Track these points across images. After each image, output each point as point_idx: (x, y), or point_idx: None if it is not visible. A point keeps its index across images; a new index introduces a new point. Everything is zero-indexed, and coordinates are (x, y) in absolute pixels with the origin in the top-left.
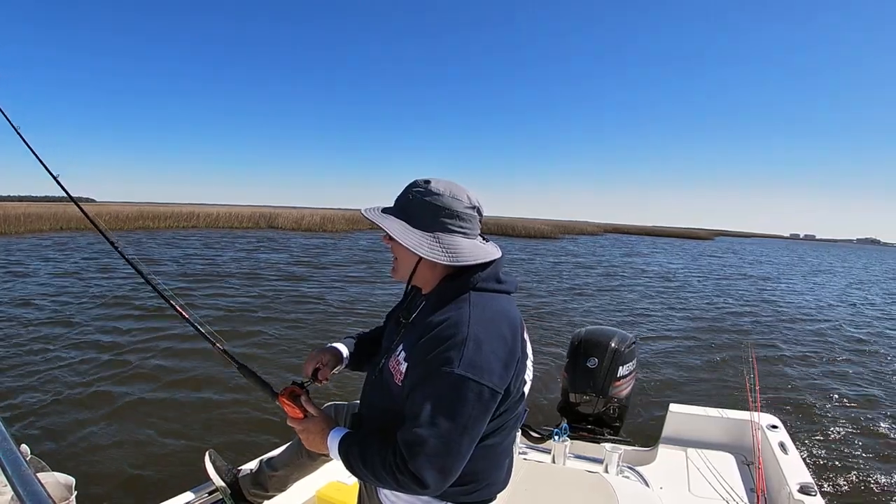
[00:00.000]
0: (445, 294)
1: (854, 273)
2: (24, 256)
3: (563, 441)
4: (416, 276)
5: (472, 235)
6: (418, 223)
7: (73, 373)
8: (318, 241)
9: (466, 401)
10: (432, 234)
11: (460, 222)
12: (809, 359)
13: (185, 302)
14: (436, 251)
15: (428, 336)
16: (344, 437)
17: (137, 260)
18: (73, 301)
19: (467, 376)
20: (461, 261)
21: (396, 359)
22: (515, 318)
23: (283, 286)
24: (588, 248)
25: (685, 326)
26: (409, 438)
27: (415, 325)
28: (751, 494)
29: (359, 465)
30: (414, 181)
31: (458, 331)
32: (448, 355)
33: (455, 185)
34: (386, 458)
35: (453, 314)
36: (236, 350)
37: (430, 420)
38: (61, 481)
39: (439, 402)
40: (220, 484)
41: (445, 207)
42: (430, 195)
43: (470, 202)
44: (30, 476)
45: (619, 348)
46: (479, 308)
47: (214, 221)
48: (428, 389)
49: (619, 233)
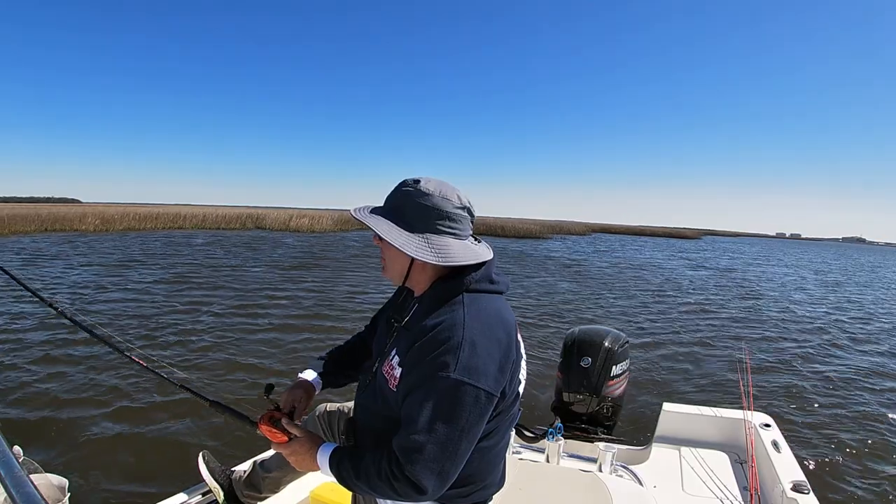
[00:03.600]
0: (438, 296)
1: (847, 272)
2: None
3: (557, 440)
4: (409, 278)
5: (462, 236)
6: (407, 223)
7: (65, 374)
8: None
9: (464, 405)
10: (422, 235)
11: (450, 223)
12: (802, 357)
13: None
14: (424, 251)
15: (422, 340)
16: (333, 453)
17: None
18: (69, 303)
19: (464, 380)
20: (451, 261)
21: (390, 363)
22: (509, 319)
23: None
24: (578, 247)
25: (678, 325)
26: (407, 444)
27: (407, 328)
28: (744, 493)
29: (352, 479)
30: (403, 181)
31: (453, 334)
32: (444, 360)
33: (445, 184)
34: (381, 467)
35: (447, 317)
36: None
37: (428, 425)
38: (54, 483)
39: (436, 407)
40: (213, 485)
41: (435, 207)
42: (419, 195)
43: (460, 202)
44: (22, 478)
45: (613, 347)
46: (474, 310)
47: (202, 222)
48: (424, 395)
49: (606, 232)
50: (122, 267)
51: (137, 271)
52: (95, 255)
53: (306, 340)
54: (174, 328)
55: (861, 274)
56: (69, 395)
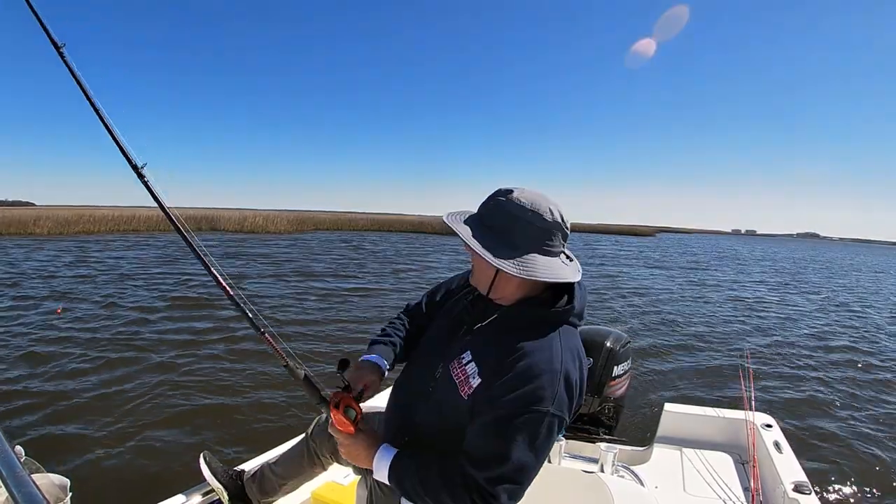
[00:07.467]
0: (530, 316)
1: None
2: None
3: (559, 441)
4: (494, 289)
5: (552, 252)
6: (494, 232)
7: (67, 374)
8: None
9: (551, 436)
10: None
11: (539, 237)
12: (804, 358)
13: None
14: (507, 262)
15: (520, 365)
16: (395, 459)
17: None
18: (70, 301)
19: (556, 414)
20: (532, 276)
21: (463, 368)
22: (583, 351)
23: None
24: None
25: (680, 326)
26: (493, 475)
27: (484, 335)
28: (746, 493)
29: (416, 490)
30: (498, 189)
31: (551, 367)
32: (542, 393)
33: (540, 197)
34: (455, 492)
35: (544, 346)
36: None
37: (517, 456)
38: (56, 482)
39: (528, 440)
40: (216, 485)
41: (523, 220)
42: (510, 205)
43: (552, 217)
44: (24, 477)
45: (615, 348)
46: (567, 343)
47: (156, 225)
48: (518, 428)
49: None
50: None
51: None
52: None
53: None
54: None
55: (856, 274)
56: (71, 395)
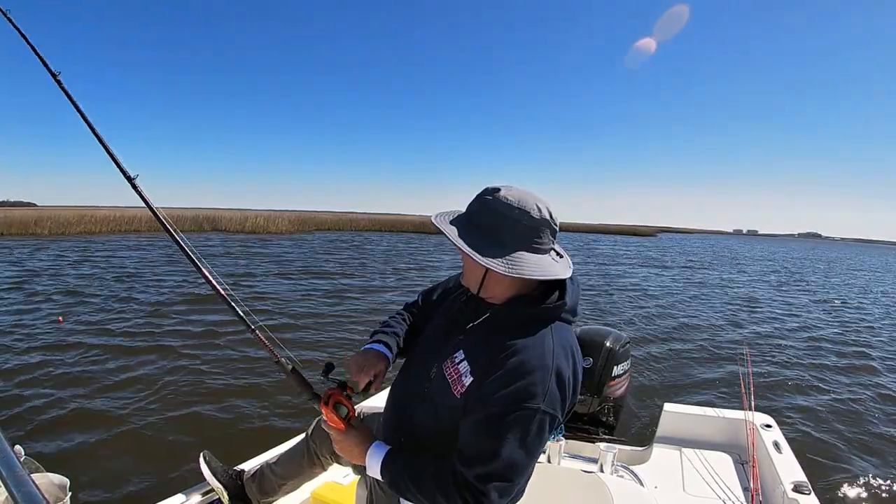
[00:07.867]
0: (519, 314)
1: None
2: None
3: (558, 441)
4: (484, 288)
5: (541, 250)
6: (482, 231)
7: (67, 374)
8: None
9: (543, 434)
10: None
11: (527, 235)
12: (803, 357)
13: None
14: (494, 260)
15: (510, 362)
16: (388, 456)
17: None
18: (71, 301)
19: (548, 411)
20: (521, 274)
21: (456, 367)
22: (577, 348)
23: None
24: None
25: (680, 326)
26: (483, 473)
27: (476, 333)
28: (745, 493)
29: (409, 489)
30: (485, 188)
31: (543, 363)
32: (534, 390)
33: (527, 195)
34: (448, 492)
35: (535, 342)
36: None
37: (508, 453)
38: (55, 482)
39: (518, 437)
40: (216, 485)
41: (510, 218)
42: (497, 204)
43: (540, 214)
44: (24, 477)
45: (614, 348)
46: (559, 339)
47: (157, 225)
48: (509, 425)
49: (564, 231)
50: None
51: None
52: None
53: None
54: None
55: (856, 274)
56: (71, 395)
